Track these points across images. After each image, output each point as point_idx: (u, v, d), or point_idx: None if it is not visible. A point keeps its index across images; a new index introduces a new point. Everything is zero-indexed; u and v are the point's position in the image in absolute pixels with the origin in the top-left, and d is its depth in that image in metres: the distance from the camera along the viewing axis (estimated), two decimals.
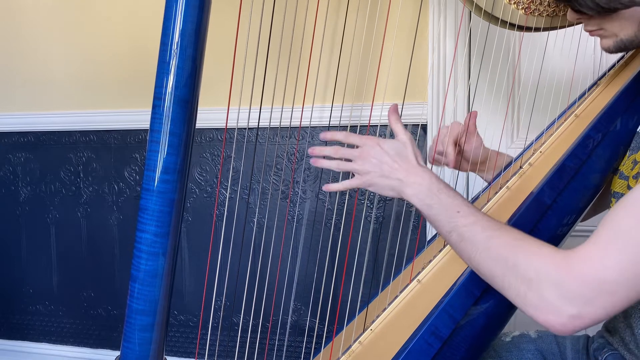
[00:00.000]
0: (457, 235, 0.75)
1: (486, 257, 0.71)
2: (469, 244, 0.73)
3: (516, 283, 0.66)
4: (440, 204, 0.77)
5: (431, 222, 0.79)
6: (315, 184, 1.75)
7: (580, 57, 1.07)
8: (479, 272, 0.73)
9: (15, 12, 1.97)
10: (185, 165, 0.73)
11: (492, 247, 0.71)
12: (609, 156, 0.90)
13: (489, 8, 0.95)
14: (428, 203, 0.78)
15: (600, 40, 0.87)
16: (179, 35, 0.69)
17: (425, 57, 1.60)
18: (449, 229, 0.76)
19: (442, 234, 0.78)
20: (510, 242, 0.70)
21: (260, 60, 0.84)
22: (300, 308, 1.80)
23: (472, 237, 0.73)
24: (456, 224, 0.75)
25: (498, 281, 0.69)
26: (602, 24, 0.84)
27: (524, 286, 0.65)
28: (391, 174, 0.81)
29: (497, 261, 0.69)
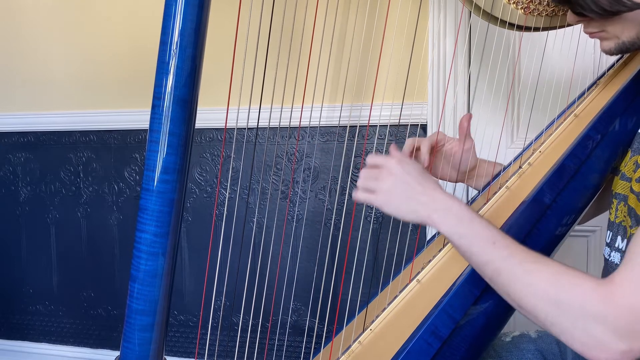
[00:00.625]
0: (493, 269, 0.71)
1: (527, 293, 0.68)
2: (507, 278, 0.70)
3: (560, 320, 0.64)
4: (474, 234, 0.73)
5: (462, 252, 0.75)
6: (315, 184, 1.75)
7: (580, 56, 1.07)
8: (520, 308, 0.70)
9: (15, 12, 1.97)
10: (184, 165, 0.73)
11: (533, 283, 0.67)
12: (609, 156, 0.90)
13: (489, 8, 0.95)
14: (459, 232, 0.74)
15: (601, 42, 0.86)
16: (179, 35, 0.69)
17: (425, 57, 1.60)
18: (483, 261, 0.72)
19: (475, 265, 0.74)
20: (550, 277, 0.67)
21: (260, 60, 0.84)
22: (300, 308, 1.80)
23: (509, 272, 0.69)
24: (491, 257, 0.71)
25: (541, 318, 0.66)
26: (603, 26, 0.83)
27: (570, 323, 0.63)
28: (413, 196, 0.77)
29: (538, 298, 0.66)
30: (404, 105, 1.60)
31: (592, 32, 0.85)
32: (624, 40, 0.82)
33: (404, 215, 0.78)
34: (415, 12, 1.52)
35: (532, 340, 0.97)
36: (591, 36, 0.87)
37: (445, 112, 1.59)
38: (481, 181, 1.06)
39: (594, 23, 0.83)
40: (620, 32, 0.82)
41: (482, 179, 1.06)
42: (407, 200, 0.77)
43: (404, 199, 0.77)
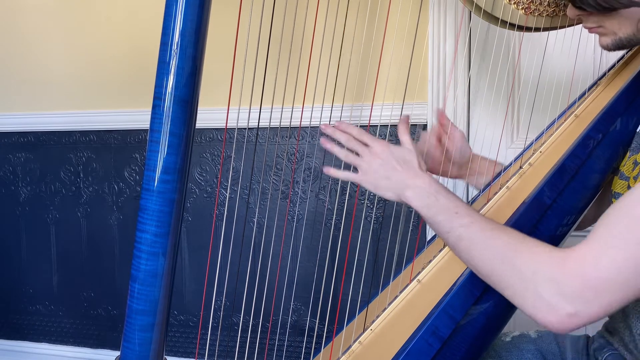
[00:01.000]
0: (455, 235, 0.75)
1: (484, 256, 0.71)
2: (467, 243, 0.74)
3: (514, 282, 0.67)
4: (438, 204, 0.78)
5: (430, 223, 0.79)
6: (315, 184, 1.75)
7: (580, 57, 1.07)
8: (478, 271, 0.74)
9: (15, 12, 1.97)
10: (185, 165, 0.73)
11: (490, 246, 0.71)
12: (609, 156, 0.90)
13: (489, 8, 0.95)
14: (426, 203, 0.78)
15: (599, 37, 0.87)
16: (179, 35, 0.69)
17: (426, 57, 1.60)
18: (447, 229, 0.76)
19: (441, 234, 0.78)
20: (508, 242, 0.70)
21: (260, 61, 0.84)
22: (300, 308, 1.80)
23: (470, 237, 0.74)
24: (454, 224, 0.75)
25: (496, 280, 0.70)
26: (601, 22, 0.84)
27: (522, 285, 0.66)
28: (393, 176, 0.82)
29: (495, 261, 0.70)
30: (405, 105, 1.60)
31: (590, 27, 0.87)
32: (621, 37, 0.83)
33: (384, 193, 0.83)
34: (415, 13, 1.52)
35: (532, 340, 0.97)
36: (590, 31, 0.88)
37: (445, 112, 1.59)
38: (482, 179, 1.07)
39: (592, 18, 0.85)
40: (617, 28, 0.83)
41: (482, 176, 1.07)
42: (387, 181, 0.82)
43: (385, 178, 0.82)
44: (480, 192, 1.00)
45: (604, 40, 0.86)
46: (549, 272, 0.64)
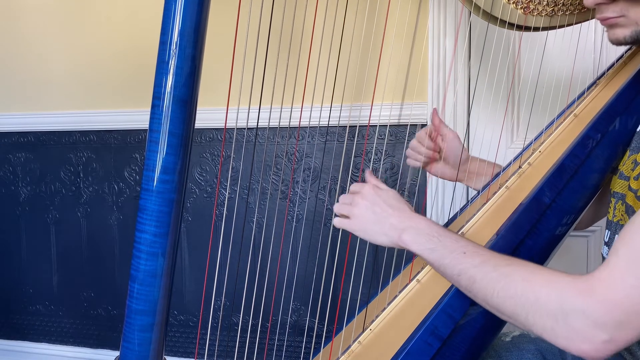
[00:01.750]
0: (467, 278, 0.71)
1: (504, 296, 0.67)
2: (483, 285, 0.70)
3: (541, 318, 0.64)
4: (444, 246, 0.74)
5: (436, 267, 0.76)
6: (315, 184, 1.75)
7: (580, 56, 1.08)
8: (499, 312, 0.69)
9: (16, 12, 1.97)
10: (184, 165, 0.73)
11: (509, 285, 0.67)
12: (608, 156, 0.90)
13: (488, 7, 0.95)
14: (430, 247, 0.75)
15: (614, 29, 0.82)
16: (178, 35, 0.69)
17: (425, 57, 1.60)
18: (457, 272, 0.72)
19: (450, 278, 0.74)
20: (526, 278, 0.67)
21: (260, 60, 0.84)
22: (300, 308, 1.80)
23: (484, 278, 0.70)
24: (464, 266, 0.71)
25: (522, 320, 0.66)
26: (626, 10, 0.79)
27: (550, 320, 0.63)
28: (383, 219, 0.79)
29: (516, 299, 0.66)
30: (404, 105, 1.60)
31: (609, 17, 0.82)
32: None
33: (377, 239, 0.80)
34: (415, 13, 1.52)
35: (532, 340, 0.97)
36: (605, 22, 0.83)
37: (445, 112, 1.59)
38: (480, 181, 1.07)
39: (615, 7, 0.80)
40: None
41: (481, 178, 1.07)
42: (379, 225, 0.79)
43: (376, 223, 0.79)
44: (479, 192, 1.00)
45: (621, 32, 0.81)
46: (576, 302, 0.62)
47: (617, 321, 0.60)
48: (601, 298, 0.61)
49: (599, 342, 0.61)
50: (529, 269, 0.68)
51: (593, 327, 0.60)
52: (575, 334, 0.61)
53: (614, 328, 0.60)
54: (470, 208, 0.99)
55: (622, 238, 0.64)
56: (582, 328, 0.61)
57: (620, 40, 0.83)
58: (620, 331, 0.60)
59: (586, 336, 0.61)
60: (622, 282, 0.60)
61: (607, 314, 0.60)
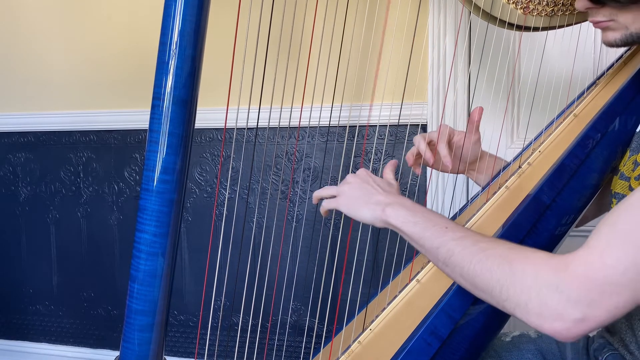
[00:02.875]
0: (446, 250, 0.72)
1: (480, 269, 0.68)
2: (461, 258, 0.70)
3: (515, 293, 0.64)
4: (426, 219, 0.75)
5: (415, 240, 0.76)
6: (315, 184, 1.75)
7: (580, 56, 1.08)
8: (474, 287, 0.70)
9: (15, 12, 1.97)
10: (184, 165, 0.73)
11: (486, 258, 0.68)
12: (608, 156, 0.90)
13: (488, 7, 0.95)
14: (412, 220, 0.76)
15: (606, 32, 0.83)
16: (178, 35, 0.69)
17: (425, 56, 1.60)
18: (437, 244, 0.73)
19: (429, 251, 0.75)
20: (504, 252, 0.67)
21: (260, 60, 0.84)
22: (300, 308, 1.80)
23: (463, 251, 0.70)
24: (445, 239, 0.72)
25: (496, 294, 0.66)
26: (614, 15, 0.80)
27: (524, 295, 0.63)
28: (370, 195, 0.80)
29: (492, 272, 0.66)
30: (404, 105, 1.60)
31: (599, 20, 0.83)
32: (632, 32, 0.80)
33: (360, 214, 0.81)
34: (415, 13, 1.52)
35: (532, 340, 0.97)
36: (597, 25, 0.84)
37: (445, 112, 1.59)
38: (482, 176, 1.07)
39: (604, 11, 0.81)
40: (631, 22, 0.80)
41: (485, 172, 1.07)
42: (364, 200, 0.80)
43: (361, 198, 0.81)
44: (479, 192, 1.00)
45: (612, 36, 0.82)
46: (551, 278, 0.61)
47: (590, 299, 0.59)
48: (576, 274, 0.60)
49: (571, 320, 0.60)
50: (508, 245, 0.69)
51: (565, 302, 0.60)
52: (547, 310, 0.61)
53: (587, 306, 0.59)
54: (470, 208, 0.99)
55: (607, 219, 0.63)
56: (555, 304, 0.60)
57: (612, 43, 0.84)
58: (593, 310, 0.59)
59: (558, 313, 0.60)
60: (600, 260, 0.60)
61: (581, 291, 0.59)
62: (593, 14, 0.84)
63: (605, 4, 0.80)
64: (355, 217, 0.81)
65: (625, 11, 0.79)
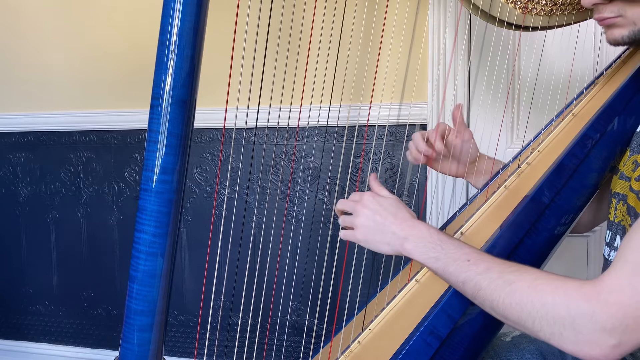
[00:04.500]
0: (472, 285, 0.71)
1: (510, 303, 0.67)
2: (488, 292, 0.69)
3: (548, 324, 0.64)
4: (447, 254, 0.74)
5: (439, 275, 0.76)
6: (315, 184, 1.75)
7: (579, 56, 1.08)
8: (506, 319, 0.69)
9: (16, 12, 1.97)
10: (183, 166, 0.73)
11: (514, 292, 0.67)
12: (607, 155, 0.90)
13: (487, 7, 0.95)
14: (433, 256, 0.75)
15: (611, 29, 0.82)
16: (177, 35, 0.69)
17: (425, 57, 1.60)
18: (462, 280, 0.72)
19: (455, 285, 0.74)
20: (532, 284, 0.66)
21: (259, 60, 0.84)
22: (299, 308, 1.80)
23: (490, 286, 0.69)
24: (469, 275, 0.71)
25: (529, 326, 0.66)
26: (623, 10, 0.80)
27: (558, 326, 0.63)
28: (385, 228, 0.79)
29: (522, 306, 0.66)
30: (404, 105, 1.60)
31: (606, 17, 0.82)
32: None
33: (380, 248, 0.80)
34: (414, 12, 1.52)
35: (532, 340, 0.97)
36: (603, 22, 0.83)
37: (445, 111, 1.59)
38: (481, 178, 1.07)
39: (612, 7, 0.81)
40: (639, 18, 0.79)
41: (488, 176, 1.07)
42: (381, 234, 0.80)
43: (377, 232, 0.80)
44: (478, 192, 1.00)
45: (619, 33, 0.81)
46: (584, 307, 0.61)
47: (624, 325, 0.60)
48: (608, 302, 0.60)
49: (608, 346, 0.60)
50: (535, 275, 0.68)
51: (601, 331, 0.60)
52: (583, 339, 0.61)
53: (622, 332, 0.60)
54: (469, 208, 0.99)
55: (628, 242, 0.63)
56: (590, 333, 0.61)
57: (618, 40, 0.83)
58: (629, 335, 0.60)
59: (594, 341, 0.61)
60: (629, 286, 0.60)
61: (615, 318, 0.60)
62: (600, 10, 0.82)
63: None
64: (376, 251, 0.81)
65: (633, 6, 0.78)
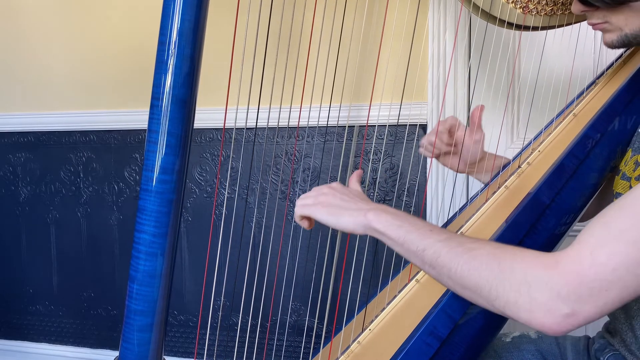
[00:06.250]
0: (432, 252, 0.70)
1: (468, 269, 0.67)
2: (447, 258, 0.69)
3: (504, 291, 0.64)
4: (409, 222, 0.74)
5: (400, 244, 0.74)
6: (315, 184, 1.75)
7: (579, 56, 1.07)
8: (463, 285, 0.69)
9: (16, 13, 1.97)
10: (183, 166, 0.72)
11: (474, 258, 0.67)
12: (608, 155, 0.90)
13: (487, 7, 0.95)
14: (396, 223, 0.74)
15: (604, 34, 0.85)
16: (177, 35, 0.69)
17: (425, 56, 1.60)
18: (422, 247, 0.72)
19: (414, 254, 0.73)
20: (491, 251, 0.67)
21: (259, 60, 0.84)
22: (299, 308, 1.80)
23: (450, 251, 0.69)
24: (430, 241, 0.71)
25: (485, 293, 0.66)
26: (607, 17, 0.82)
27: (514, 292, 0.63)
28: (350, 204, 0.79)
29: (480, 271, 0.66)
30: (404, 105, 1.60)
31: (594, 23, 0.84)
32: (627, 33, 0.81)
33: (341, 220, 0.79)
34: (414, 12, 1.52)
35: (532, 340, 0.97)
36: (594, 27, 0.86)
37: (445, 111, 1.59)
38: (488, 176, 1.07)
39: (598, 13, 0.83)
40: (624, 24, 0.81)
41: (488, 173, 1.07)
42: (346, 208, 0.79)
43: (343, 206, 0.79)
44: (479, 192, 1.00)
45: (609, 37, 0.83)
46: (541, 274, 0.62)
47: (578, 294, 0.60)
48: (566, 271, 0.61)
49: (560, 314, 0.61)
50: (495, 245, 0.69)
51: (555, 298, 0.60)
52: (537, 306, 0.61)
53: (575, 301, 0.60)
54: (469, 208, 0.99)
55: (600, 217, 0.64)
56: (544, 300, 0.61)
57: (610, 44, 0.85)
58: (582, 305, 0.60)
59: (547, 308, 0.61)
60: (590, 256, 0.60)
61: (570, 287, 0.60)
62: (589, 17, 0.85)
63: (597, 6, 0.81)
64: (336, 224, 0.79)
65: (616, 12, 0.80)
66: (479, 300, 0.68)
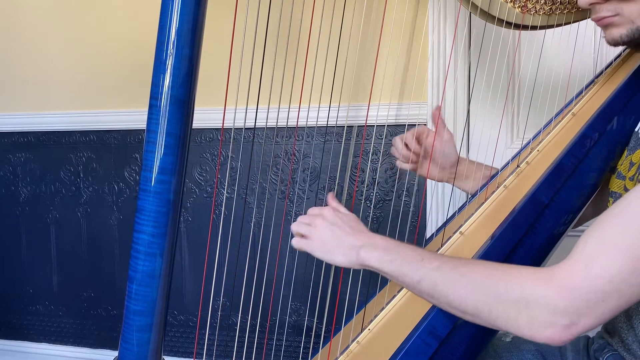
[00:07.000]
0: (428, 281, 0.71)
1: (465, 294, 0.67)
2: (444, 286, 0.69)
3: (504, 310, 0.64)
4: (400, 255, 0.74)
5: (395, 277, 0.75)
6: (315, 184, 1.75)
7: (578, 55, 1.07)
8: (463, 311, 0.69)
9: (16, 12, 1.97)
10: (182, 166, 0.73)
11: (469, 282, 0.67)
12: (606, 155, 0.90)
13: (486, 7, 0.95)
14: (388, 259, 0.74)
15: (610, 29, 0.83)
16: (175, 35, 0.69)
17: (424, 56, 1.60)
18: (417, 279, 0.72)
19: (412, 286, 0.74)
20: (486, 272, 0.67)
21: (258, 59, 0.84)
22: (299, 307, 1.80)
23: (445, 279, 0.69)
24: (424, 271, 0.71)
25: (485, 315, 0.66)
26: (620, 9, 0.80)
27: (513, 311, 0.63)
28: (342, 239, 0.79)
29: (478, 295, 0.66)
30: (403, 105, 1.60)
31: (604, 16, 0.83)
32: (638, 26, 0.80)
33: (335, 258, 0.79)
34: (413, 12, 1.52)
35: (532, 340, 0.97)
36: (601, 22, 0.84)
37: (444, 111, 1.59)
38: (469, 183, 1.07)
39: (609, 5, 0.81)
40: (637, 16, 0.79)
41: (469, 180, 1.07)
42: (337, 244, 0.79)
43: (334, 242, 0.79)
44: (477, 193, 1.00)
45: (617, 32, 0.82)
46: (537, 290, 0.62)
47: (576, 307, 0.60)
48: (561, 285, 0.61)
49: (560, 326, 0.61)
50: (487, 264, 0.69)
51: (553, 313, 0.61)
52: (537, 321, 0.62)
53: (574, 314, 0.61)
54: (468, 207, 0.99)
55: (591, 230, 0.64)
56: (543, 315, 0.61)
57: (616, 40, 0.83)
58: (581, 317, 0.61)
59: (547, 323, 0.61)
60: (584, 269, 0.61)
61: (567, 301, 0.60)
62: (597, 10, 0.83)
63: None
64: (331, 262, 0.80)
65: (629, 4, 0.79)
66: (482, 322, 0.68)
